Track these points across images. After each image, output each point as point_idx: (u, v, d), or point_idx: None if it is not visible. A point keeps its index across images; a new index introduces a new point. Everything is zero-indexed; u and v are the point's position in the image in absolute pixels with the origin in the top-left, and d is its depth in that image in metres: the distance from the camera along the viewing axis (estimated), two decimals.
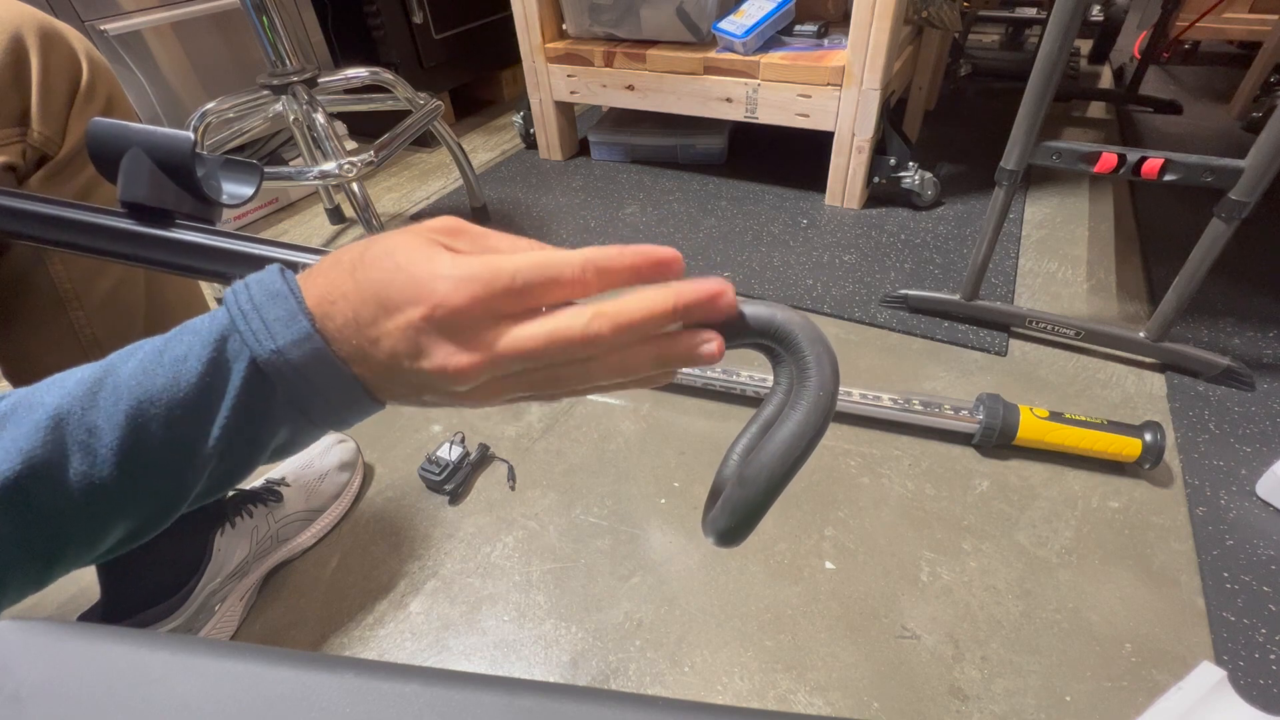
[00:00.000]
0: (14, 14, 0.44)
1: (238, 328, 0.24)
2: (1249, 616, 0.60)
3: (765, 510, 0.28)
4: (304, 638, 0.63)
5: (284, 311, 0.24)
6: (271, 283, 0.25)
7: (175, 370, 0.24)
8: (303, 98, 1.01)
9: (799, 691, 0.57)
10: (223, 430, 0.25)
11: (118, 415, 0.24)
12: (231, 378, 0.25)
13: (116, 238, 0.33)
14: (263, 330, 0.24)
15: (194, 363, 0.24)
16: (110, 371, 0.24)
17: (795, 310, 0.28)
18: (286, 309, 0.24)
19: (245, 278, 0.26)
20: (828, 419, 0.27)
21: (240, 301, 0.25)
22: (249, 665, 0.20)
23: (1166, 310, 0.82)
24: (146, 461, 0.24)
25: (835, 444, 0.80)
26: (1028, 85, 0.74)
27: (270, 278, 0.25)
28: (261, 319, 0.24)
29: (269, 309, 0.24)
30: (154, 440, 0.24)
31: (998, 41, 2.37)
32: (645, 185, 1.44)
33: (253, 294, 0.25)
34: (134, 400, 0.24)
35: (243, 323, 0.24)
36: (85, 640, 0.20)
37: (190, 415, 0.25)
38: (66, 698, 0.19)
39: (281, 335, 0.24)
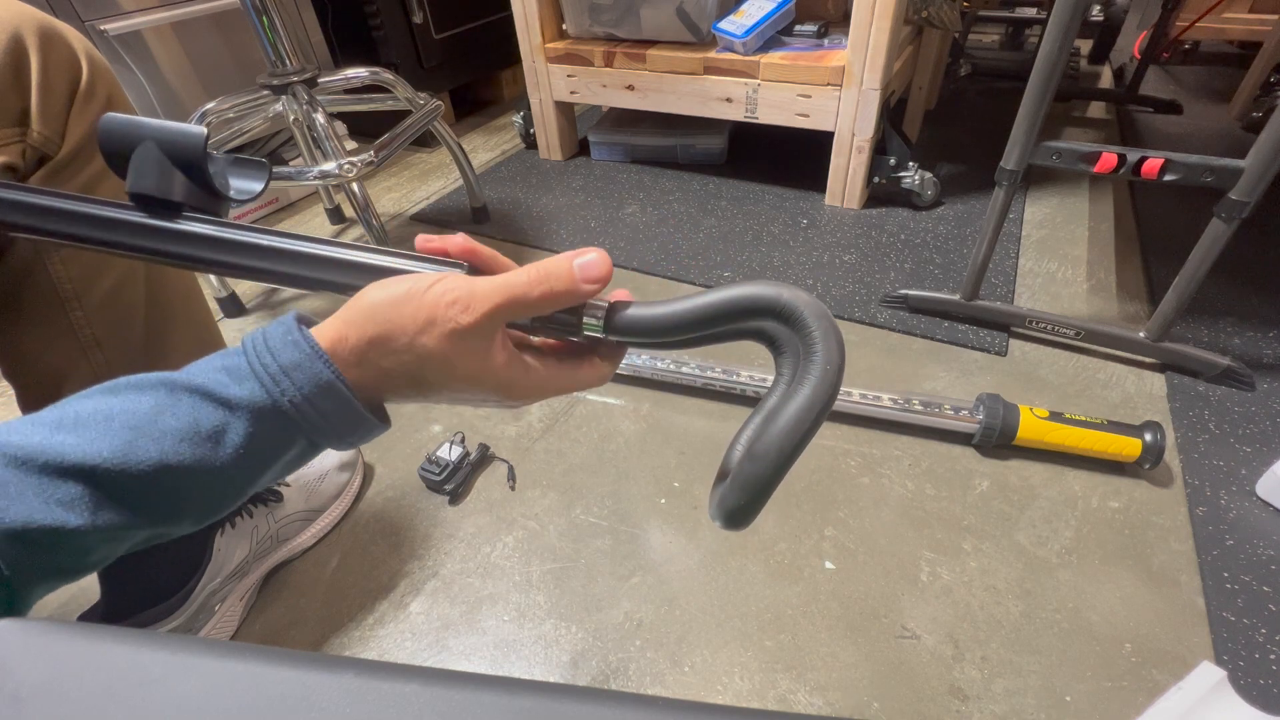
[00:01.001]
0: (13, 14, 0.44)
1: (277, 403, 0.26)
2: (1249, 616, 0.60)
3: (774, 486, 0.28)
4: (304, 638, 0.63)
5: (309, 370, 0.27)
6: (293, 344, 0.27)
7: (214, 444, 0.26)
8: (303, 98, 1.01)
9: (799, 691, 0.57)
10: (243, 479, 0.28)
11: (148, 481, 0.25)
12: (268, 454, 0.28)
13: (124, 230, 0.33)
14: (296, 395, 0.27)
15: (236, 438, 0.26)
16: (140, 434, 0.25)
17: (797, 287, 0.28)
18: (312, 368, 0.27)
19: (265, 336, 0.27)
20: (835, 392, 0.27)
21: (266, 364, 0.27)
22: (249, 665, 0.20)
23: (1166, 310, 0.82)
24: (163, 509, 0.26)
25: (835, 444, 0.80)
26: (1028, 85, 0.74)
27: (290, 339, 0.27)
28: (290, 379, 0.27)
29: (296, 374, 0.27)
30: (177, 494, 0.26)
31: (998, 41, 2.37)
32: (645, 185, 1.44)
33: (275, 353, 0.27)
34: (163, 467, 0.25)
35: (275, 389, 0.26)
36: (85, 640, 0.20)
37: (221, 479, 0.27)
38: (66, 698, 0.19)
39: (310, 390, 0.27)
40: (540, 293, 0.27)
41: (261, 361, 0.26)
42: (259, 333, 0.27)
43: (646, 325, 0.30)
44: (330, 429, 0.28)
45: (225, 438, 0.26)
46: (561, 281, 0.28)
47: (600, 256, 0.28)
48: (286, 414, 0.26)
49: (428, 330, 0.27)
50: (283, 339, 0.27)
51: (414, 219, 1.37)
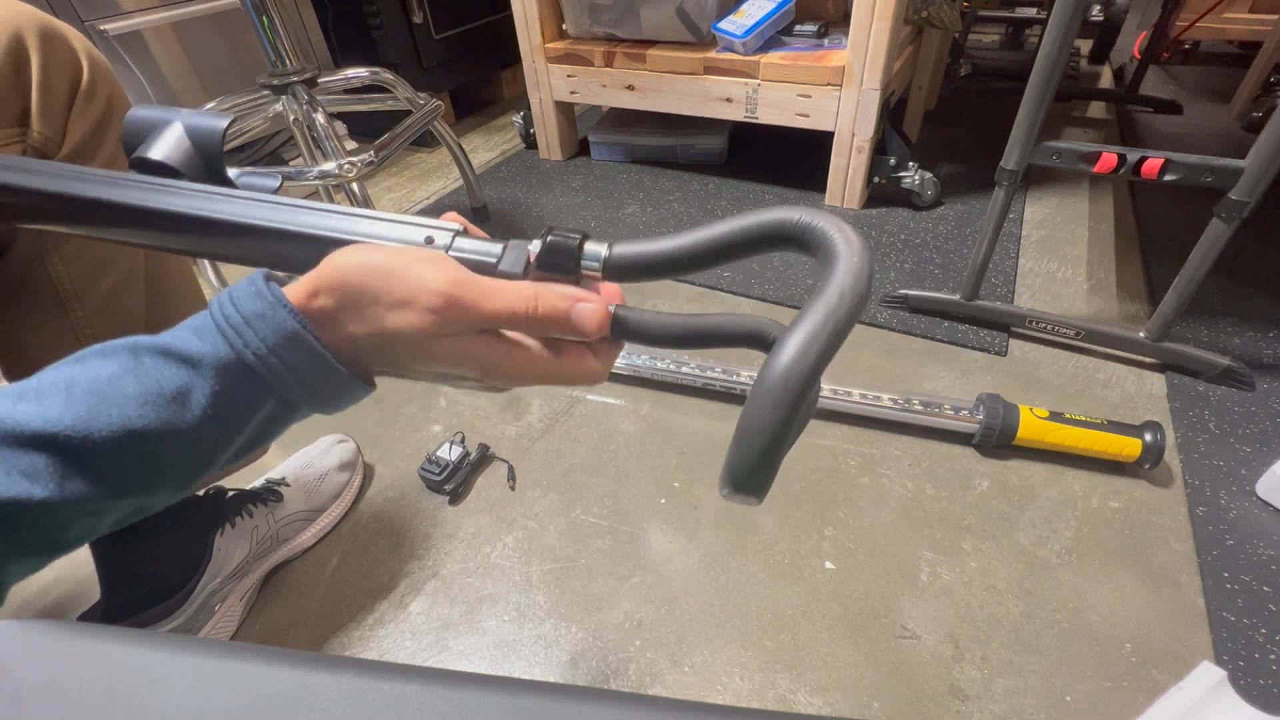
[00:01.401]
0: (14, 14, 0.44)
1: (241, 357, 0.25)
2: (1249, 616, 0.60)
3: (784, 440, 0.22)
4: (304, 638, 0.63)
5: (273, 319, 0.26)
6: (256, 294, 0.26)
7: (180, 404, 0.25)
8: (303, 98, 1.01)
9: (799, 691, 0.57)
10: (220, 444, 0.27)
11: (114, 447, 0.24)
12: (239, 414, 0.27)
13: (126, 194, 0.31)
14: (260, 346, 0.25)
15: (201, 397, 0.25)
16: (102, 400, 0.24)
17: (814, 209, 0.25)
18: (276, 318, 0.26)
19: (230, 292, 0.26)
20: (847, 321, 0.22)
21: (229, 315, 0.26)
22: (249, 665, 0.20)
23: (1166, 310, 0.82)
24: (133, 479, 0.26)
25: (835, 444, 0.80)
26: (1028, 85, 0.74)
27: (253, 290, 0.26)
28: (254, 330, 0.25)
29: (259, 324, 0.26)
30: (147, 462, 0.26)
31: (998, 41, 2.37)
32: (645, 185, 1.44)
33: (238, 304, 0.26)
34: (128, 432, 0.24)
35: (238, 340, 0.25)
36: (85, 640, 0.20)
37: (192, 441, 0.26)
38: (66, 698, 0.19)
39: (277, 344, 0.26)
40: (528, 320, 0.26)
41: (224, 313, 0.25)
42: (225, 291, 0.26)
43: (649, 262, 0.28)
44: (301, 385, 0.27)
45: (191, 398, 0.25)
46: (554, 319, 0.27)
47: (596, 310, 0.27)
48: (252, 368, 0.25)
49: (402, 309, 0.26)
50: (246, 290, 0.26)
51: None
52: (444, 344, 0.26)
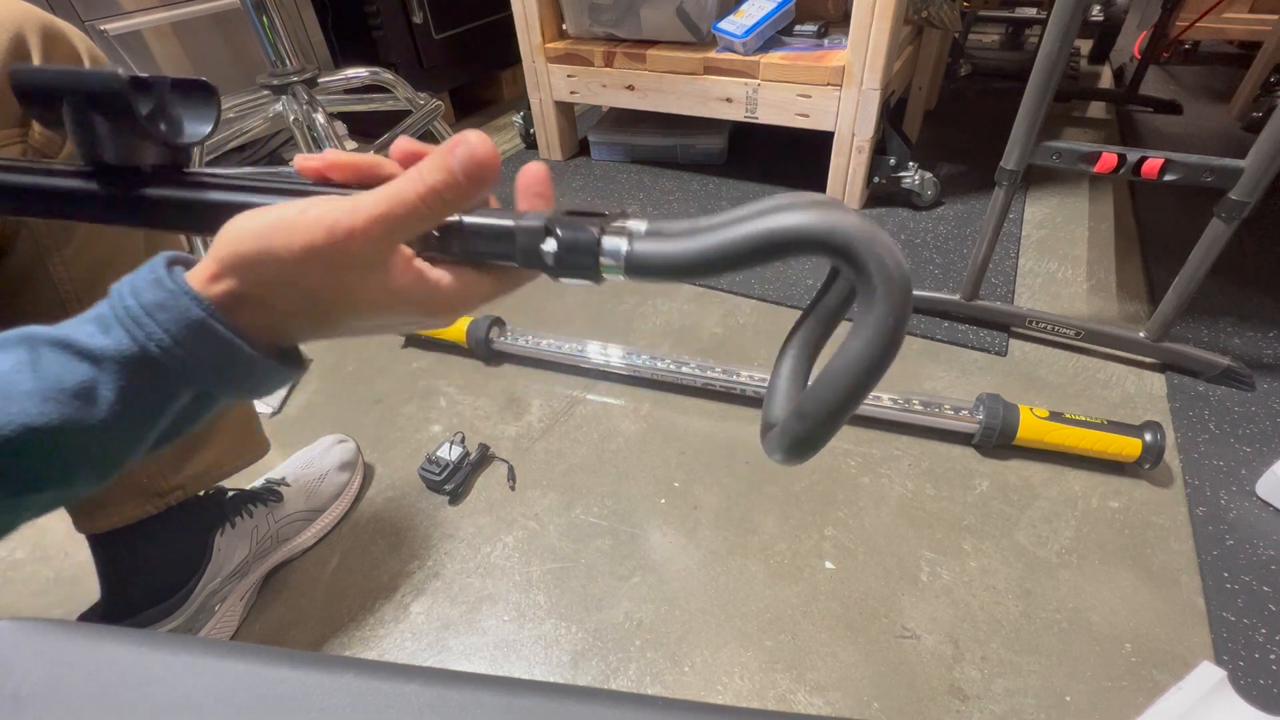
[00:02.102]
0: (16, 13, 0.44)
1: (145, 349, 0.24)
2: (1249, 616, 0.60)
3: (827, 438, 0.27)
4: (304, 638, 0.63)
5: (175, 308, 0.24)
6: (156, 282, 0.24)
7: (86, 401, 0.24)
8: (303, 98, 1.01)
9: (799, 691, 0.57)
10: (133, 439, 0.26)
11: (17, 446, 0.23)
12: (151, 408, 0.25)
13: (87, 202, 0.29)
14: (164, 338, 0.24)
15: (108, 393, 0.24)
16: (7, 384, 0.23)
17: (851, 213, 0.24)
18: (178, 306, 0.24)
19: (130, 280, 0.25)
20: (896, 345, 0.24)
21: (129, 306, 0.24)
22: (249, 665, 0.20)
23: (1166, 310, 0.82)
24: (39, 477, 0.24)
25: (835, 444, 0.80)
26: (1028, 85, 0.74)
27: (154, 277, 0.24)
28: (155, 320, 0.24)
29: (160, 314, 0.24)
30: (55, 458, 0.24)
31: (998, 41, 2.37)
32: (645, 185, 1.44)
33: (138, 293, 0.24)
34: (28, 430, 0.23)
35: (139, 332, 0.24)
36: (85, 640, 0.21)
37: (104, 437, 0.25)
38: (66, 698, 0.19)
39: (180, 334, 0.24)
40: (419, 193, 0.24)
41: (124, 304, 0.24)
42: (125, 279, 0.24)
43: (672, 265, 0.26)
44: (214, 374, 0.25)
45: (96, 394, 0.23)
46: (437, 173, 0.24)
47: (480, 141, 0.24)
48: (158, 361, 0.24)
49: (309, 261, 0.23)
50: (146, 278, 0.24)
51: None
52: (366, 288, 0.25)
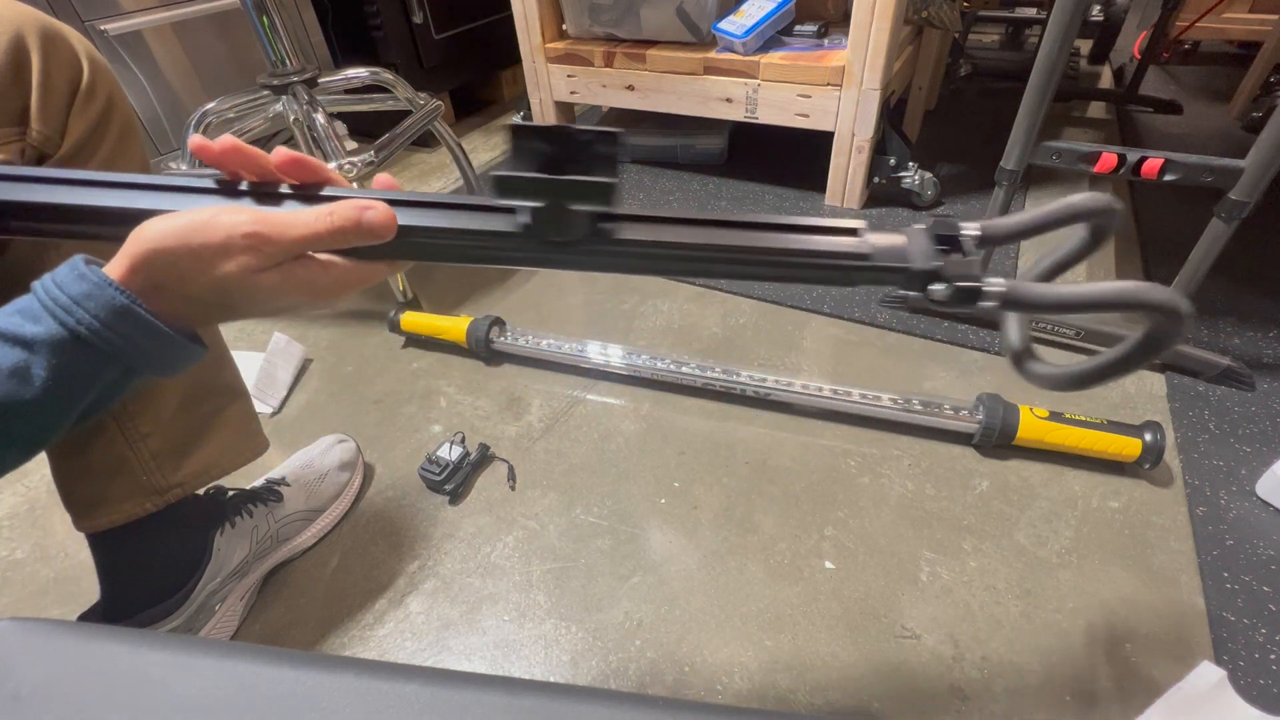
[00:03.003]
0: (15, 14, 0.44)
1: (77, 333, 0.27)
2: (1249, 616, 0.60)
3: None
4: (304, 638, 0.63)
5: (101, 297, 0.27)
6: (80, 277, 0.27)
7: (22, 382, 0.26)
8: (303, 98, 1.01)
9: (799, 691, 0.57)
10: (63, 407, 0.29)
11: None
12: (82, 383, 0.28)
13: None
14: (93, 322, 0.27)
15: (41, 372, 0.27)
16: None
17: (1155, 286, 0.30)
18: (104, 295, 0.27)
19: (53, 277, 0.28)
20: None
21: (56, 298, 0.27)
22: (249, 665, 0.20)
23: None
24: None
25: (835, 444, 0.80)
26: (1028, 85, 0.74)
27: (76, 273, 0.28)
28: (84, 308, 0.27)
29: (88, 303, 0.27)
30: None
31: (998, 41, 2.37)
32: (645, 185, 1.44)
33: (63, 288, 0.27)
34: None
35: (70, 319, 0.27)
36: (85, 640, 0.21)
37: (36, 410, 0.27)
38: (66, 697, 0.19)
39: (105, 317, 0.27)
40: (330, 235, 0.29)
41: (51, 296, 0.27)
42: (47, 276, 0.28)
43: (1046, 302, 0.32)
44: (139, 352, 0.29)
45: (31, 373, 0.26)
46: (349, 228, 0.29)
47: (382, 212, 0.30)
48: (89, 342, 0.27)
49: (223, 259, 0.28)
50: (69, 275, 0.27)
51: None
52: (268, 277, 0.29)
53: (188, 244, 0.27)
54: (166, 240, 0.27)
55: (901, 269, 0.31)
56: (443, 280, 1.16)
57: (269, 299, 0.30)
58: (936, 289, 0.30)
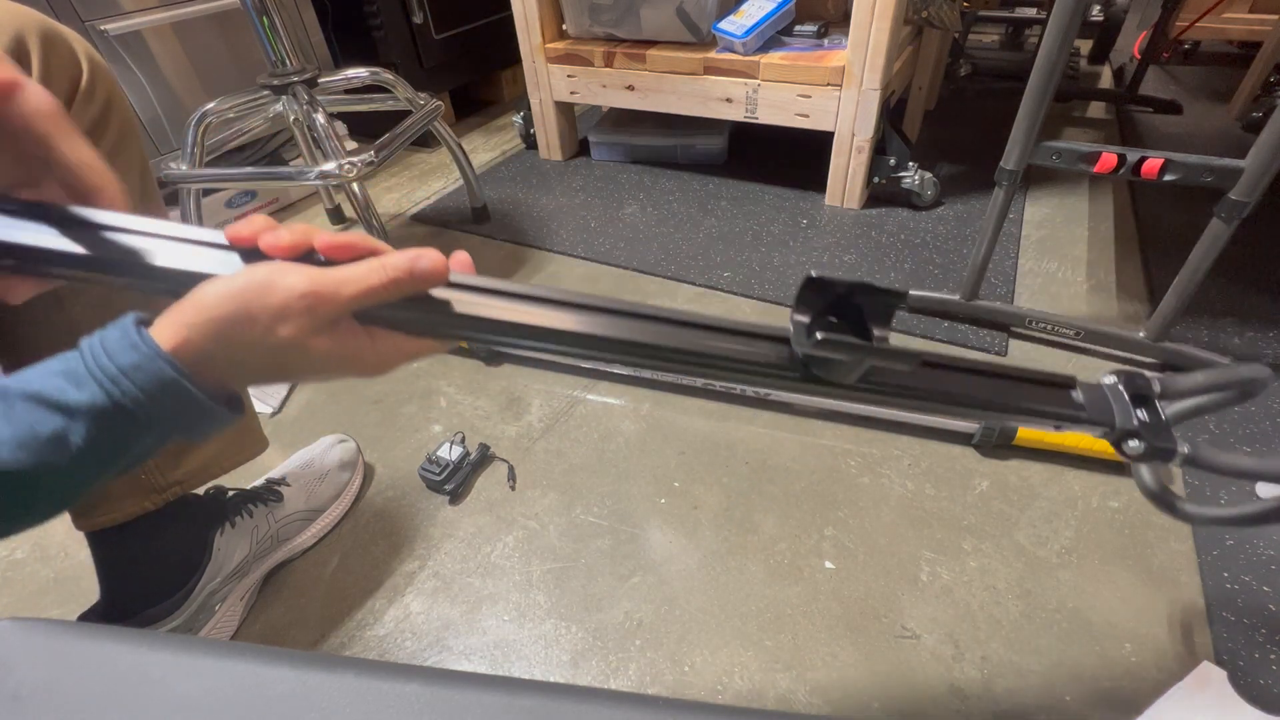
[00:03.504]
0: (16, 16, 0.44)
1: (120, 403, 0.26)
2: (1249, 616, 0.60)
3: None
4: (304, 638, 0.63)
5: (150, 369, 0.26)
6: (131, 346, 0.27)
7: (57, 447, 0.26)
8: (303, 98, 1.01)
9: (799, 691, 0.57)
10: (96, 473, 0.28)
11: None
12: (117, 450, 0.27)
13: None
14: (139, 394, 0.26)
15: (78, 439, 0.26)
16: None
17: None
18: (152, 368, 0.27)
19: (102, 340, 0.27)
20: None
21: (104, 367, 0.26)
22: (249, 665, 0.20)
23: (1166, 310, 0.82)
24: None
25: (835, 444, 0.80)
26: (1028, 85, 0.74)
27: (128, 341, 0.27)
28: (131, 380, 0.26)
29: (136, 375, 0.26)
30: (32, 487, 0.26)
31: (998, 41, 2.37)
32: (645, 185, 1.44)
33: (112, 356, 0.26)
34: (6, 471, 0.25)
35: (115, 390, 0.26)
36: (85, 640, 0.21)
37: (69, 476, 0.26)
38: (66, 697, 0.19)
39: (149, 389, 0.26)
40: (385, 287, 0.29)
41: (99, 364, 0.26)
42: (95, 337, 0.27)
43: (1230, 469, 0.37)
44: (180, 423, 0.28)
45: (68, 440, 0.26)
46: (400, 271, 0.29)
47: (434, 257, 0.30)
48: (131, 412, 0.26)
49: (280, 322, 0.27)
50: (120, 342, 0.27)
51: (414, 219, 1.37)
52: (321, 342, 0.29)
53: (246, 309, 0.27)
54: (224, 306, 0.27)
55: (1106, 425, 0.34)
56: None
57: (317, 365, 0.30)
58: (1132, 445, 0.34)
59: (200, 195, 1.05)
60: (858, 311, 0.30)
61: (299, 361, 0.29)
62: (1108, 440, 0.35)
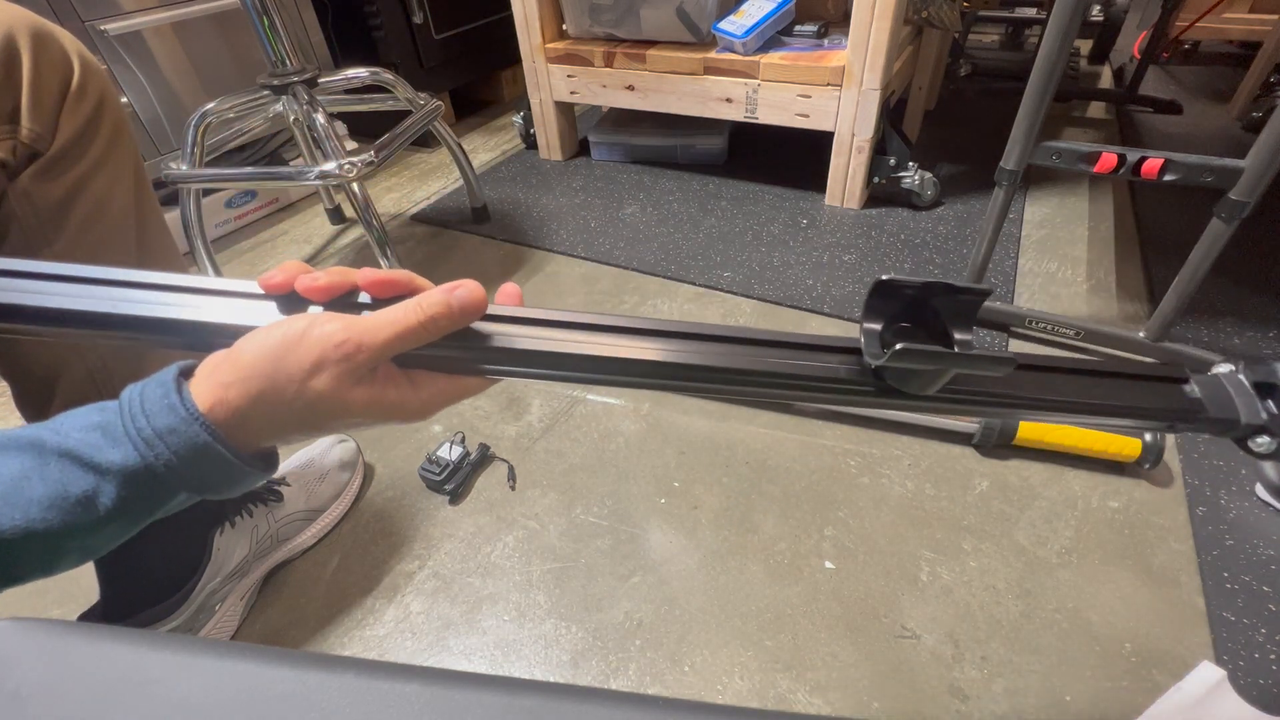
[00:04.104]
0: (7, 16, 0.44)
1: (151, 466, 0.26)
2: (1249, 616, 0.60)
3: None
4: (304, 638, 0.63)
5: (185, 433, 0.26)
6: (170, 408, 0.26)
7: (85, 508, 0.25)
8: (303, 98, 1.01)
9: (799, 691, 0.57)
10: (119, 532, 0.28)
11: (13, 544, 0.25)
12: (144, 511, 0.27)
13: None
14: (172, 458, 0.26)
15: (106, 501, 0.26)
16: (4, 501, 0.24)
17: None
18: (188, 432, 0.26)
19: (143, 396, 0.27)
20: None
21: (140, 428, 0.26)
22: (249, 665, 0.20)
23: (1166, 310, 0.82)
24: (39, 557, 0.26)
25: (835, 444, 0.80)
26: (1028, 85, 0.74)
27: (167, 403, 0.26)
28: (165, 444, 0.26)
29: (171, 438, 0.26)
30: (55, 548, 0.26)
31: (998, 41, 2.37)
32: (645, 185, 1.44)
33: (150, 417, 0.26)
34: (29, 533, 0.25)
35: (149, 453, 0.26)
36: (85, 640, 0.20)
37: (95, 535, 0.26)
38: (66, 697, 0.19)
39: (182, 451, 0.26)
40: (423, 327, 0.28)
41: (136, 425, 0.26)
42: (136, 391, 0.27)
43: None
44: (209, 485, 0.28)
45: (97, 501, 0.26)
46: (437, 307, 0.29)
47: (471, 288, 0.29)
48: (161, 477, 0.26)
49: (316, 374, 0.27)
50: (159, 402, 0.26)
51: (414, 219, 1.37)
52: (359, 393, 0.28)
53: (283, 365, 0.26)
54: (261, 364, 0.27)
55: (1230, 422, 0.30)
56: (443, 280, 1.16)
57: (357, 417, 0.29)
58: (1261, 442, 0.30)
59: (200, 195, 1.05)
60: (934, 314, 0.28)
61: (338, 414, 0.28)
62: (1229, 436, 0.31)
